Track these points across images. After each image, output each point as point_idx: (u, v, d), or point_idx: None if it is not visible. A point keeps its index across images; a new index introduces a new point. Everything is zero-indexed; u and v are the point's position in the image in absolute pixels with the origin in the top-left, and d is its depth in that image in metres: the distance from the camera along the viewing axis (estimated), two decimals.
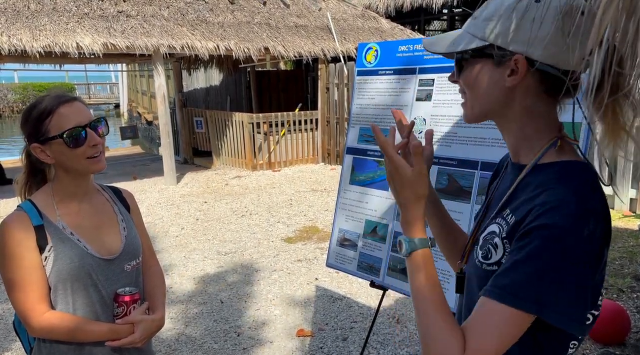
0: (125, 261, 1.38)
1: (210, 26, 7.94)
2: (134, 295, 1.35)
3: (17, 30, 6.41)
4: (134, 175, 8.66)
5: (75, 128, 1.25)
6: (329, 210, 5.97)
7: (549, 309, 0.74)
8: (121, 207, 1.46)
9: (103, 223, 1.38)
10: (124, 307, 1.33)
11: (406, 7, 10.48)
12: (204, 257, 4.64)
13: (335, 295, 3.74)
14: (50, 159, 1.28)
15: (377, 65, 2.34)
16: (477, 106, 0.89)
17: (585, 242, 0.74)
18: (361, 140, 2.37)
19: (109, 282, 1.34)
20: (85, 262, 1.29)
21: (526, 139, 0.87)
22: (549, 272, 0.73)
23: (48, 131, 1.25)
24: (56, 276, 1.27)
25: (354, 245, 2.35)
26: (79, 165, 1.29)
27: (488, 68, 0.84)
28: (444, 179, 1.99)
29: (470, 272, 0.94)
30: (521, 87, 0.83)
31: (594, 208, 0.76)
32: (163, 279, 1.56)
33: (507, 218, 0.84)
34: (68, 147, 1.25)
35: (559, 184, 0.78)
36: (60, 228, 1.29)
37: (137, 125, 12.59)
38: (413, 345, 3.01)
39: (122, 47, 6.84)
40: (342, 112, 8.56)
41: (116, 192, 1.50)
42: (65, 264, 1.27)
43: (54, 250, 1.27)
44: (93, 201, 1.39)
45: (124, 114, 18.62)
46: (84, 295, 1.30)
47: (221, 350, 3.05)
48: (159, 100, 7.71)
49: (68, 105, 1.27)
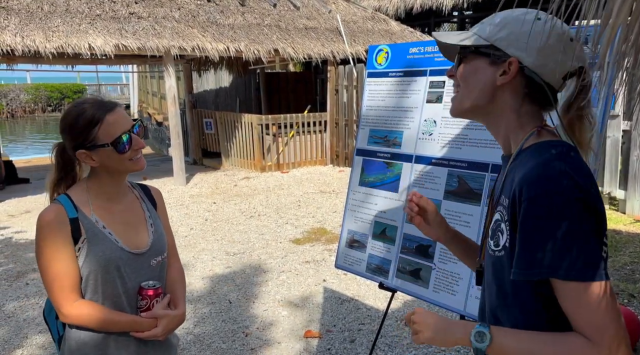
0: (152, 256, 1.45)
1: (221, 28, 7.98)
2: (157, 289, 1.41)
3: (31, 31, 6.50)
4: (144, 175, 8.72)
5: (123, 134, 1.34)
6: (337, 212, 5.97)
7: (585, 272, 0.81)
8: (149, 204, 1.54)
9: (132, 219, 1.46)
10: (147, 300, 1.40)
11: (416, 9, 10.46)
12: (212, 257, 4.66)
13: (343, 296, 3.74)
14: (95, 163, 1.36)
15: (387, 67, 2.34)
16: (467, 100, 0.99)
17: (563, 200, 0.81)
18: (370, 142, 2.37)
19: (135, 275, 1.41)
20: (115, 255, 1.36)
21: (512, 132, 0.98)
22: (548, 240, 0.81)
23: (97, 138, 1.32)
24: (87, 267, 1.34)
25: (362, 246, 2.35)
26: (123, 166, 1.38)
27: (483, 65, 0.96)
28: (453, 180, 1.99)
29: (486, 264, 1.01)
30: (509, 86, 0.95)
31: (560, 170, 0.83)
32: (183, 276, 1.62)
33: (503, 203, 0.93)
34: (117, 152, 1.34)
35: (531, 158, 0.89)
36: (93, 221, 1.36)
37: (147, 126, 12.68)
38: (421, 347, 3.00)
39: (133, 48, 6.90)
40: (350, 114, 8.56)
41: (144, 189, 1.58)
42: (96, 255, 1.34)
43: (87, 242, 1.34)
44: (124, 198, 1.47)
45: (134, 115, 18.77)
46: (112, 286, 1.37)
47: (229, 349, 3.06)
48: (169, 101, 7.76)
49: (113, 112, 1.35)
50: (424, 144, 2.13)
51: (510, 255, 0.88)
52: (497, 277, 0.94)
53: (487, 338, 0.89)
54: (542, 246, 0.81)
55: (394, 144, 2.25)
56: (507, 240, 0.89)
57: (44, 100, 25.56)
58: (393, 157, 2.25)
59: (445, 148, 2.04)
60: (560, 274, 0.81)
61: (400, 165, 2.21)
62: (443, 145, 2.05)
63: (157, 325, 1.40)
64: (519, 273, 0.85)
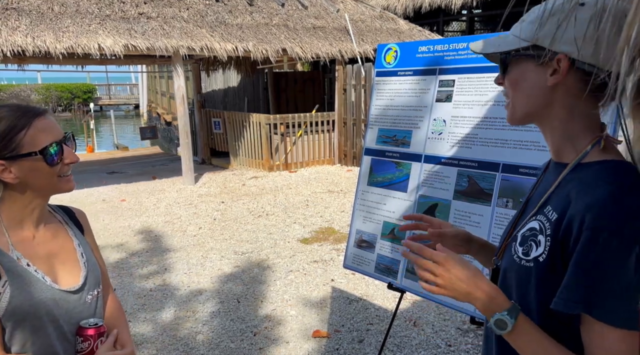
0: (87, 291, 1.24)
1: (229, 27, 8.00)
2: (99, 328, 1.20)
3: (41, 32, 6.55)
4: (153, 175, 8.76)
5: (53, 143, 1.13)
6: (345, 212, 5.96)
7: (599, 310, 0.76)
8: (75, 229, 1.31)
9: (59, 250, 1.23)
10: (89, 342, 1.19)
11: (424, 8, 10.41)
12: (220, 256, 4.67)
13: (351, 296, 3.73)
14: (14, 178, 1.11)
15: (396, 66, 2.32)
16: (519, 107, 0.92)
17: (629, 241, 0.74)
18: (379, 141, 2.36)
19: (69, 315, 1.19)
20: (45, 296, 1.14)
21: (569, 138, 0.89)
22: (599, 278, 0.75)
23: (20, 147, 1.10)
24: (11, 314, 1.10)
25: (371, 246, 2.34)
26: (50, 184, 1.15)
27: (530, 68, 0.88)
28: (463, 180, 1.97)
29: (506, 267, 0.96)
30: (562, 86, 0.86)
31: (636, 209, 0.76)
32: (122, 308, 1.42)
33: (548, 214, 0.86)
34: (46, 164, 1.12)
35: (599, 181, 0.80)
36: (14, 259, 1.13)
37: (156, 126, 12.75)
38: (430, 348, 2.98)
39: (143, 48, 6.94)
40: (358, 113, 8.54)
41: (68, 212, 1.35)
42: (23, 300, 1.11)
43: (9, 285, 1.10)
44: (47, 225, 1.23)
45: (143, 115, 18.88)
46: (43, 333, 1.15)
47: (237, 349, 3.07)
48: (178, 101, 7.80)
49: (42, 118, 1.13)
50: (433, 144, 2.11)
51: (543, 273, 0.84)
52: (520, 285, 0.90)
53: (508, 327, 0.83)
54: (596, 284, 0.76)
55: (403, 143, 2.24)
56: (544, 255, 0.84)
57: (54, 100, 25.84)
58: (402, 157, 2.24)
59: (455, 147, 2.03)
60: (597, 314, 0.77)
61: (409, 164, 2.20)
62: (453, 144, 2.03)
63: None
64: (563, 305, 0.79)
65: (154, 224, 5.77)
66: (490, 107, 1.94)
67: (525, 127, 1.82)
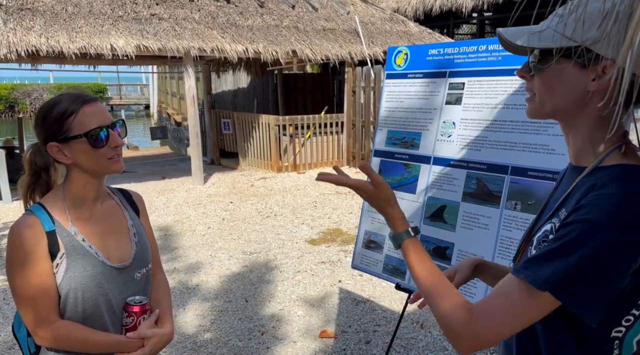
0: (136, 269, 1.33)
1: (240, 29, 8.05)
2: (144, 306, 1.30)
3: (55, 32, 6.64)
4: (163, 174, 8.83)
5: (99, 128, 1.22)
6: (353, 213, 5.97)
7: (565, 292, 0.76)
8: (131, 211, 1.41)
9: (114, 228, 1.33)
10: (133, 317, 1.28)
11: (435, 11, 10.40)
12: (229, 256, 4.70)
13: (359, 297, 3.74)
14: (67, 159, 1.22)
15: (406, 68, 2.34)
16: (550, 103, 0.87)
17: (621, 245, 0.74)
18: (388, 143, 2.37)
19: (118, 290, 1.29)
20: (97, 271, 1.25)
21: (592, 142, 0.86)
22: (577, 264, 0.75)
23: (69, 130, 1.20)
24: (67, 285, 1.22)
25: (379, 247, 2.35)
26: (98, 165, 1.24)
27: (571, 68, 0.83)
28: (472, 182, 1.98)
29: None
30: (600, 91, 0.82)
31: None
32: (169, 288, 1.51)
33: (561, 216, 0.85)
34: (91, 147, 1.21)
35: (613, 182, 0.79)
36: (72, 234, 1.24)
37: (166, 126, 12.84)
38: (437, 350, 2.99)
39: (154, 49, 7.01)
40: (367, 115, 8.55)
41: (125, 194, 1.45)
42: (77, 272, 1.22)
43: (65, 257, 1.21)
44: (104, 205, 1.34)
45: (153, 115, 19.01)
46: (93, 304, 1.25)
47: (245, 348, 3.09)
48: (189, 101, 7.86)
49: (90, 104, 1.23)
50: (442, 146, 2.12)
51: None
52: None
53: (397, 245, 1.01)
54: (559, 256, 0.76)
55: (412, 145, 2.25)
56: None
57: None
58: (411, 159, 2.25)
59: (464, 150, 2.04)
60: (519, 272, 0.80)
61: (418, 166, 2.21)
62: (462, 147, 2.04)
63: (144, 346, 1.27)
64: (516, 270, 0.82)
65: (163, 223, 5.83)
66: (500, 110, 1.94)
67: (535, 130, 1.82)
